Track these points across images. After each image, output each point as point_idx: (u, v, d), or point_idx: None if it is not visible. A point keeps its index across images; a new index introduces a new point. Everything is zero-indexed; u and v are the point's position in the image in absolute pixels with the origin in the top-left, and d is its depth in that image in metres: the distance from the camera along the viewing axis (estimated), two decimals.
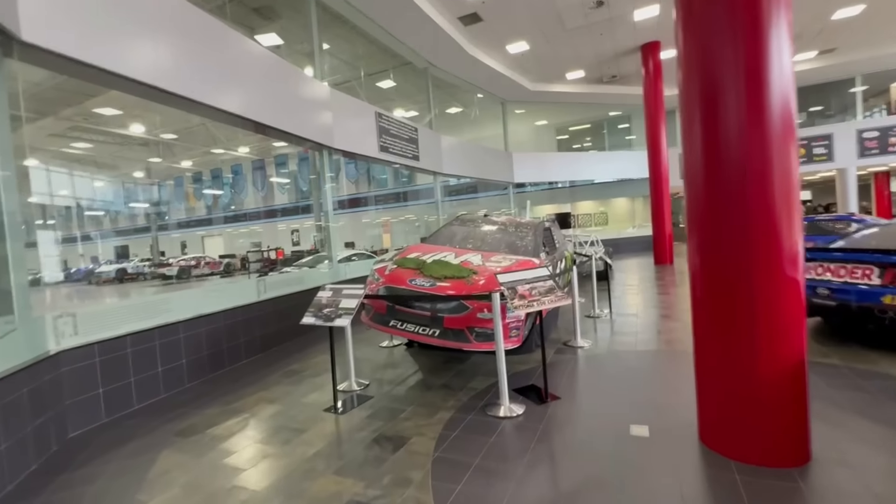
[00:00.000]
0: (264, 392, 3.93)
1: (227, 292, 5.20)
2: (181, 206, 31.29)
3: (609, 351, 4.48)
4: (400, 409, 3.35)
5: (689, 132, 2.44)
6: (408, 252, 4.45)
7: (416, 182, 22.78)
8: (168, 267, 21.28)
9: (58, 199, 28.14)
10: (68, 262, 31.12)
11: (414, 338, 3.65)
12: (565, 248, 6.00)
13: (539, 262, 4.28)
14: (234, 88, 5.12)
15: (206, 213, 30.60)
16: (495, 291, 3.18)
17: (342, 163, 22.86)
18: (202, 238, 30.27)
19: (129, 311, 3.95)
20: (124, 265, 24.56)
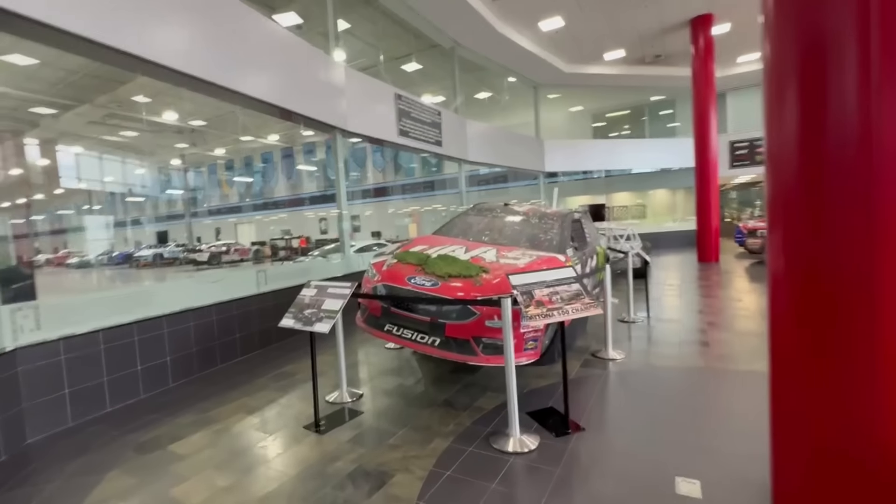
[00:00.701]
0: (247, 399, 3.51)
1: (223, 284, 4.83)
2: (215, 194, 32.08)
3: (646, 366, 3.79)
4: (390, 431, 2.83)
5: (778, 104, 1.75)
6: (412, 245, 3.90)
7: (444, 171, 22.18)
8: (199, 253, 21.71)
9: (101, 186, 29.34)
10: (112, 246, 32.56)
11: (411, 346, 3.11)
12: (597, 243, 5.29)
13: (565, 259, 3.64)
14: (233, 62, 4.68)
15: (239, 200, 31.22)
16: (506, 296, 2.58)
17: (369, 151, 22.57)
18: (235, 225, 30.92)
19: (104, 304, 3.60)
20: (161, 250, 25.39)
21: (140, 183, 31.28)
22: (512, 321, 2.58)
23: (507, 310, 2.54)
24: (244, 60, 4.86)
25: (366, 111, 7.26)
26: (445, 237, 4.29)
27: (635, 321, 5.32)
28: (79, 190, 31.22)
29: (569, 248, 3.99)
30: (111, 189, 30.09)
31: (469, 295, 2.96)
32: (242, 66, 4.83)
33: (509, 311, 2.55)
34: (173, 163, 27.23)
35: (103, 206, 35.55)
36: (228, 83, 4.61)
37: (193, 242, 29.30)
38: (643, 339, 4.61)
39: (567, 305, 2.62)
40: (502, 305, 2.55)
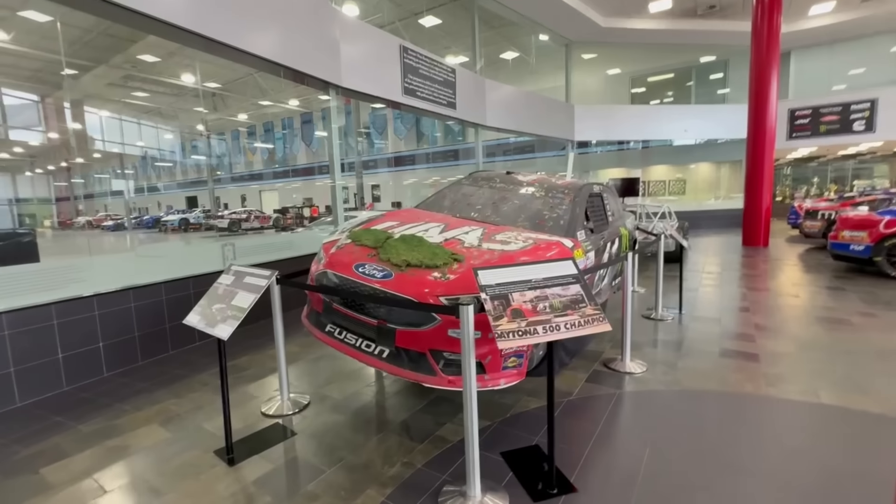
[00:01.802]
0: (173, 402, 2.91)
1: (182, 258, 4.24)
2: (239, 161, 32.08)
3: (673, 386, 2.94)
4: (317, 467, 2.15)
5: None
6: (380, 220, 3.12)
7: (468, 139, 21.03)
8: (220, 219, 21.73)
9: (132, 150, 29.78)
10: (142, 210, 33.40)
11: (353, 355, 2.38)
12: (623, 223, 4.36)
13: (572, 245, 2.78)
14: (206, 4, 3.90)
15: (263, 167, 31.13)
16: (466, 301, 1.79)
17: (390, 118, 21.62)
18: (259, 192, 30.95)
19: (11, 281, 3.04)
20: (187, 215, 25.72)
21: (168, 148, 31.65)
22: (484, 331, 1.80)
23: (467, 321, 1.76)
24: (219, 2, 4.06)
25: (366, 66, 6.38)
26: (426, 212, 3.48)
27: (664, 318, 4.41)
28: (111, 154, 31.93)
29: (581, 230, 3.11)
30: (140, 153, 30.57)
31: (429, 292, 2.17)
32: (218, 8, 4.05)
33: (469, 321, 1.76)
34: (197, 128, 27.16)
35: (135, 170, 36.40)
36: (200, 28, 3.86)
37: (218, 208, 29.61)
38: (672, 344, 3.73)
39: (559, 318, 1.81)
40: (460, 315, 1.77)
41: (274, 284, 2.68)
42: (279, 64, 4.92)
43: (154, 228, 26.81)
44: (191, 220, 25.03)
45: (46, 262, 3.82)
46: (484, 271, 1.91)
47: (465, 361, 1.78)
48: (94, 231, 26.05)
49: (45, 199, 33.85)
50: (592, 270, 2.92)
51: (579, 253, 2.83)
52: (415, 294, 2.18)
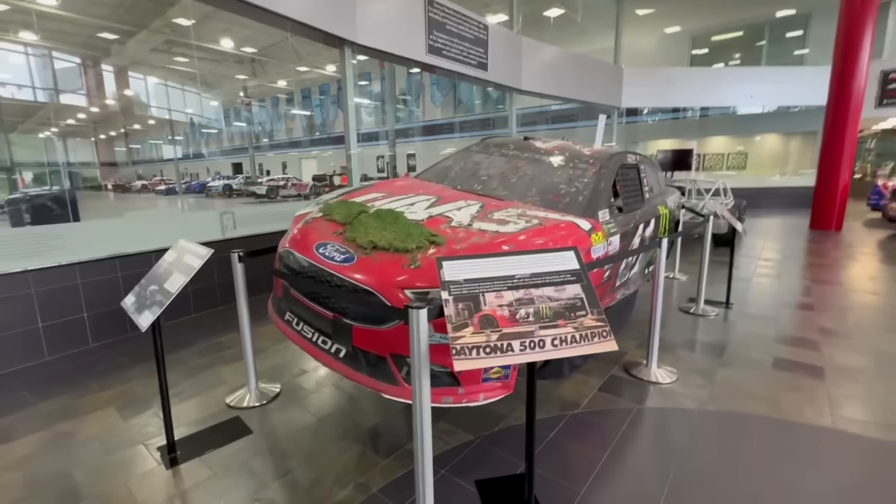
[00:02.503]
0: (142, 381, 2.71)
1: (178, 226, 4.04)
2: (280, 127, 32.44)
3: (711, 402, 2.40)
4: (259, 481, 1.84)
5: None
6: (364, 191, 2.69)
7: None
8: (258, 186, 22.13)
9: (179, 117, 30.79)
10: (193, 175, 34.81)
11: (309, 351, 2.02)
12: (664, 201, 3.70)
13: (590, 227, 2.26)
14: None
15: (303, 134, 31.35)
16: (417, 302, 1.35)
17: (426, 83, 20.83)
18: (299, 159, 31.31)
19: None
20: (230, 182, 26.50)
21: (213, 116, 32.49)
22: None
23: (417, 328, 1.33)
24: None
25: (385, 20, 5.82)
26: (423, 183, 3.02)
27: (706, 314, 3.78)
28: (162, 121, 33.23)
29: (605, 208, 2.55)
30: (188, 120, 31.59)
31: (390, 282, 1.75)
32: None
33: (420, 329, 1.33)
34: (238, 95, 27.53)
35: (184, 137, 37.79)
36: None
37: (260, 175, 30.32)
38: (713, 348, 3.13)
39: (545, 329, 1.34)
40: (409, 320, 1.33)
41: (236, 263, 2.35)
42: (286, 17, 4.48)
43: (201, 193, 27.80)
44: (233, 186, 25.76)
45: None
46: (451, 262, 1.46)
47: (416, 376, 1.36)
48: (149, 194, 27.47)
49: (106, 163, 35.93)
50: (611, 260, 2.38)
51: (598, 237, 2.30)
52: (375, 284, 1.76)
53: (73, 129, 32.52)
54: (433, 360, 1.68)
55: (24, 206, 7.78)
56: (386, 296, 1.73)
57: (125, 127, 34.42)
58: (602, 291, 2.49)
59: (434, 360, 1.66)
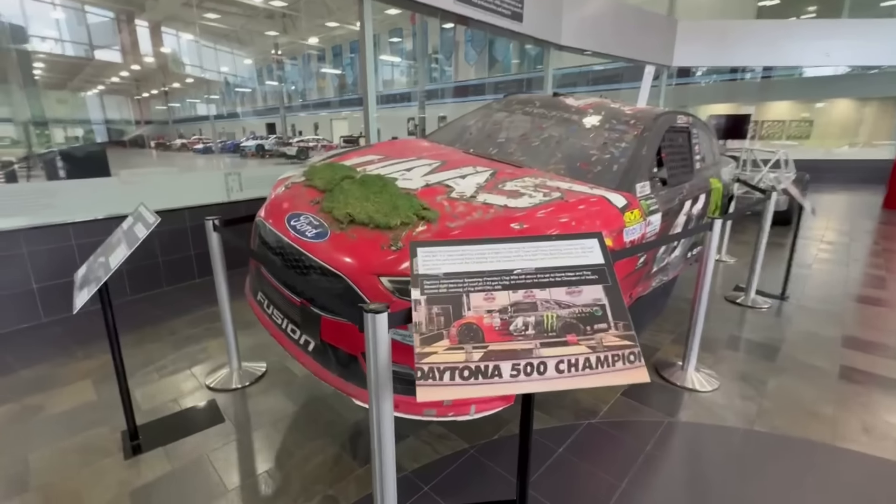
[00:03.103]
0: (126, 351, 2.56)
1: (180, 187, 3.83)
2: (312, 87, 32.05)
3: (758, 420, 2.00)
4: (217, 484, 1.62)
5: None
6: (360, 152, 2.33)
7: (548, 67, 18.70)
8: (288, 146, 22.11)
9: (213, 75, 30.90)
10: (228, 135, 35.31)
11: (278, 339, 1.75)
12: (717, 172, 3.16)
13: (625, 203, 1.85)
14: None
15: (334, 95, 30.91)
16: (373, 307, 1.01)
17: (461, 41, 19.76)
18: (330, 120, 31.02)
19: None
20: (262, 142, 26.68)
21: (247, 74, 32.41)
22: None
23: (373, 337, 1.00)
24: None
25: None
26: (429, 144, 2.62)
27: (757, 306, 3.28)
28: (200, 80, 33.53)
29: (644, 180, 2.10)
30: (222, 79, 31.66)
31: (363, 266, 1.41)
32: None
33: (378, 339, 1.00)
34: (270, 53, 27.17)
35: (220, 95, 38.12)
36: None
37: (292, 136, 30.37)
38: (764, 348, 2.68)
39: (549, 348, 0.98)
40: (365, 326, 1.00)
41: (211, 232, 2.08)
42: None
43: (235, 153, 28.18)
44: (266, 146, 25.93)
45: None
46: (428, 249, 1.10)
47: (373, 401, 1.05)
48: (187, 153, 28.11)
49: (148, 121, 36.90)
50: (647, 247, 1.95)
51: (633, 216, 1.87)
52: (345, 267, 1.44)
53: (116, 86, 33.31)
54: (408, 363, 1.37)
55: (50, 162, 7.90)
56: (357, 283, 1.40)
57: (164, 85, 34.97)
58: (635, 279, 2.08)
59: (410, 363, 1.35)
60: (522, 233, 1.49)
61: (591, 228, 1.64)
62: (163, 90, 35.83)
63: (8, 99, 8.59)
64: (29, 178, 8.98)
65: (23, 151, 10.81)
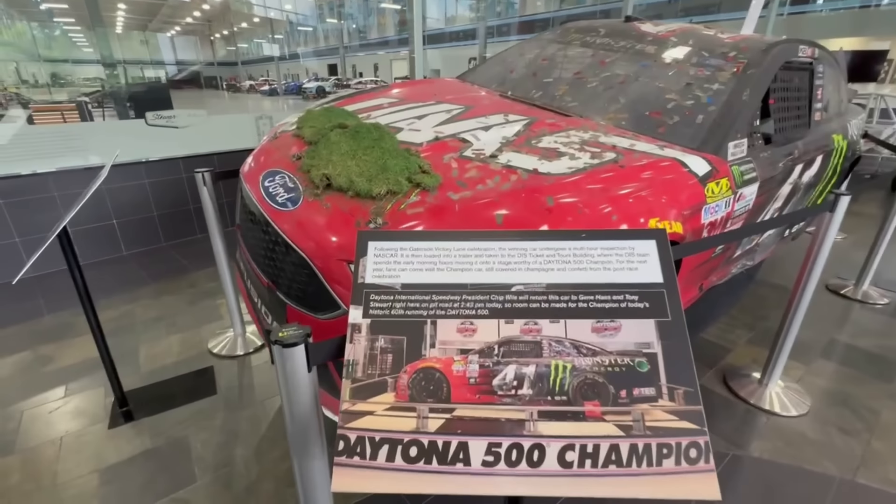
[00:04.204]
0: (144, 303, 2.51)
1: (206, 132, 3.66)
2: (372, 24, 30.91)
3: (870, 470, 1.51)
4: (187, 472, 1.47)
5: None
6: (371, 95, 1.93)
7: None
8: (347, 88, 21.83)
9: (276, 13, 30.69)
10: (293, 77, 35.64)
11: (255, 320, 1.50)
12: (843, 127, 2.40)
13: (707, 167, 1.34)
14: None
15: (395, 32, 29.68)
16: (291, 335, 0.67)
17: None
18: (390, 61, 30.07)
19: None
20: (323, 83, 26.63)
21: (308, 12, 31.83)
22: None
23: (284, 371, 0.67)
24: None
25: None
26: (459, 84, 2.15)
27: (870, 300, 2.60)
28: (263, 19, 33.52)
29: (740, 137, 1.54)
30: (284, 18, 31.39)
31: (330, 246, 1.08)
32: None
33: (297, 379, 0.67)
34: None
35: (284, 35, 38.09)
36: None
37: (352, 77, 29.99)
38: (876, 362, 2.08)
39: (553, 422, 0.60)
40: (274, 359, 0.68)
41: (202, 185, 1.84)
42: None
43: (298, 95, 28.49)
44: (326, 88, 25.87)
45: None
46: (382, 245, 0.73)
47: (295, 463, 0.74)
48: (255, 95, 28.82)
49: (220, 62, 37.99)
50: (730, 238, 1.43)
51: (719, 187, 1.37)
52: (310, 247, 1.11)
53: (189, 27, 34.19)
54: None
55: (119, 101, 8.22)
56: (323, 269, 1.08)
57: (233, 26, 35.46)
58: (709, 268, 1.60)
59: None
60: (551, 215, 1.07)
61: (655, 208, 1.17)
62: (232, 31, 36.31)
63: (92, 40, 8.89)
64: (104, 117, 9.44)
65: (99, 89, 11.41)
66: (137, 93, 8.60)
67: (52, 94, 13.50)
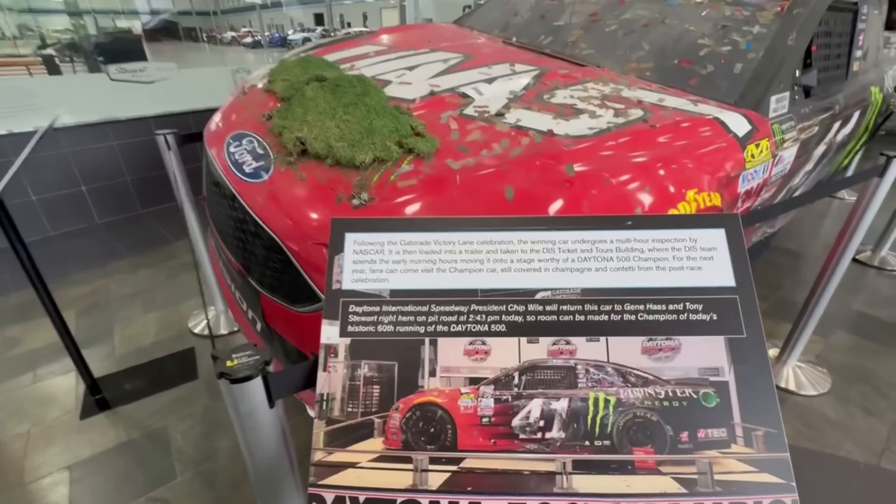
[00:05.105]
0: (120, 277, 2.34)
1: (180, 86, 3.34)
2: None
3: (893, 451, 1.43)
4: (167, 468, 1.36)
5: None
6: (355, 42, 1.68)
7: None
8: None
9: None
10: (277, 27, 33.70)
11: (230, 304, 1.35)
12: (880, 78, 2.18)
13: (748, 126, 1.14)
14: None
15: None
16: (245, 369, 0.50)
17: None
18: (380, 9, 28.38)
19: None
20: (308, 35, 25.24)
21: None
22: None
23: (238, 410, 0.52)
24: None
25: None
26: (457, 30, 1.89)
27: (888, 267, 2.48)
28: None
29: (784, 90, 1.33)
30: None
31: (306, 227, 0.90)
32: None
33: (257, 431, 0.52)
34: None
35: None
36: None
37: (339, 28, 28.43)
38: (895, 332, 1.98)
39: (592, 476, 0.46)
40: (225, 395, 0.52)
41: (165, 149, 1.63)
42: None
43: (283, 47, 27.10)
44: (312, 39, 24.55)
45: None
46: (362, 237, 0.55)
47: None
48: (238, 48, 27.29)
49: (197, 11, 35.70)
50: (768, 215, 1.26)
51: (760, 150, 1.19)
52: (281, 227, 0.93)
53: None
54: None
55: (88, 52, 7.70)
56: (298, 255, 0.90)
57: None
58: None
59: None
60: (572, 188, 0.88)
61: (694, 177, 0.99)
62: None
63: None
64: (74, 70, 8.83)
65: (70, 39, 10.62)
66: (107, 44, 8.00)
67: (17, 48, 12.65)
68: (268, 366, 0.50)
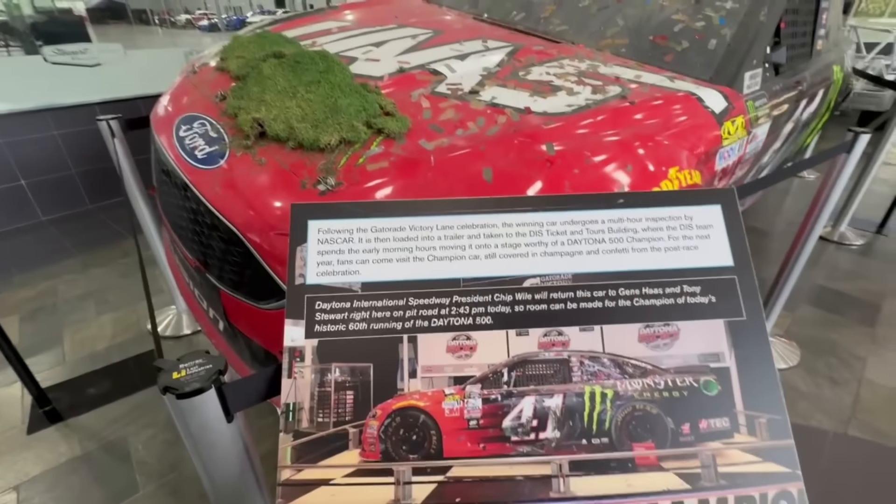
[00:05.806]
0: (68, 277, 2.17)
1: (131, 69, 3.10)
2: None
3: (862, 423, 1.48)
4: (129, 481, 1.27)
5: None
6: (314, 17, 1.58)
7: None
8: None
9: None
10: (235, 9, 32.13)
11: (188, 302, 1.25)
12: (841, 58, 2.23)
13: (725, 103, 1.13)
14: None
15: None
16: (191, 383, 0.44)
17: None
18: None
19: None
20: (270, 17, 24.21)
21: None
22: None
23: (196, 445, 0.45)
24: None
25: None
26: (425, 5, 1.80)
27: (846, 241, 2.58)
28: None
29: (756, 67, 1.32)
30: None
31: (266, 217, 0.82)
32: None
33: (213, 448, 0.46)
34: None
35: None
36: None
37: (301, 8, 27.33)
38: (858, 306, 2.06)
39: (590, 477, 0.42)
40: (174, 416, 0.45)
41: (109, 137, 1.49)
42: None
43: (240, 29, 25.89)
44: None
45: None
46: (328, 224, 0.49)
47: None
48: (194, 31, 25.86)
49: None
50: (755, 187, 1.26)
51: (734, 127, 1.18)
52: (239, 218, 0.85)
53: None
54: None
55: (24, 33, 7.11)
56: (259, 246, 0.82)
57: None
58: None
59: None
60: (553, 168, 0.84)
61: (675, 154, 0.96)
62: None
63: None
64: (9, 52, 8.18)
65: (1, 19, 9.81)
66: (44, 24, 7.41)
67: None
68: (222, 375, 0.44)
